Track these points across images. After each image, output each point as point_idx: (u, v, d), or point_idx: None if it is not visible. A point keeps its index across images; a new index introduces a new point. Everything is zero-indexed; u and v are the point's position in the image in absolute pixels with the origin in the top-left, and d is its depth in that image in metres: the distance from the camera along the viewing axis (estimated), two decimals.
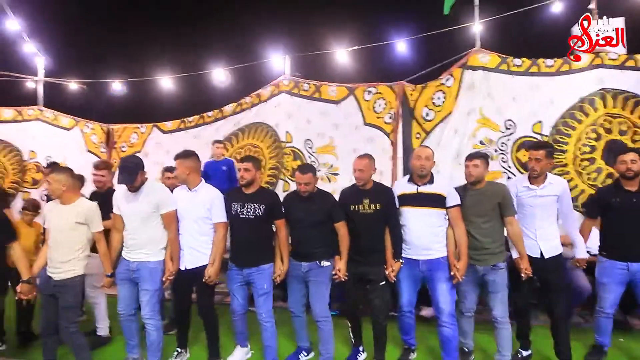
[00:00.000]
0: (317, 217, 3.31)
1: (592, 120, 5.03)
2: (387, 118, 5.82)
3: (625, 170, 3.15)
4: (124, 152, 7.30)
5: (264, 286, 3.35)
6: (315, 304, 3.32)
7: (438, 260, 3.17)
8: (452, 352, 3.21)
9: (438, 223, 3.20)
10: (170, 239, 3.31)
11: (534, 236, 3.18)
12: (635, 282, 3.16)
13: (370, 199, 3.26)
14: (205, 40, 8.05)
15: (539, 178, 3.20)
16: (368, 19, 7.50)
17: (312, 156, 6.13)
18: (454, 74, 5.45)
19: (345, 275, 3.28)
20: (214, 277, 3.33)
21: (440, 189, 3.20)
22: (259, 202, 3.32)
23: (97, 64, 8.19)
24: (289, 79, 6.30)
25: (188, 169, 3.35)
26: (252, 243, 3.36)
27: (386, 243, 3.28)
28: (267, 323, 3.38)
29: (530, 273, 3.09)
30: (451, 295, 3.17)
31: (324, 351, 3.41)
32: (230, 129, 6.66)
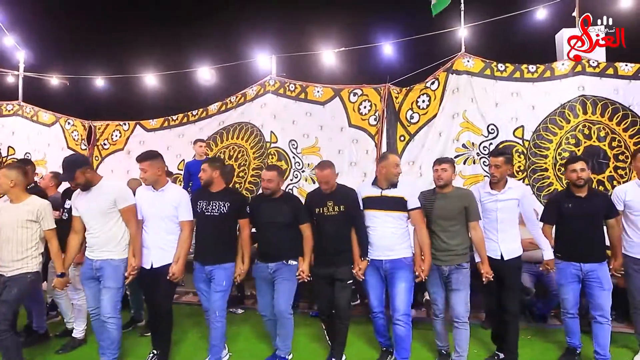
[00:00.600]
0: (285, 218, 3.38)
1: (572, 126, 5.12)
2: (372, 120, 5.83)
3: (576, 178, 3.29)
4: (106, 150, 7.18)
5: (223, 282, 3.37)
6: (280, 300, 3.35)
7: (401, 260, 3.28)
8: (404, 351, 3.31)
9: (401, 225, 3.32)
10: (132, 234, 3.31)
11: (495, 238, 3.30)
12: (586, 282, 3.33)
13: (334, 201, 3.35)
14: (191, 38, 7.98)
15: (499, 183, 3.32)
16: (355, 20, 7.50)
17: (296, 157, 6.10)
18: (439, 77, 5.49)
19: (308, 276, 3.36)
20: (178, 274, 3.33)
21: (403, 192, 3.31)
22: (224, 200, 3.39)
23: (80, 59, 8.05)
24: (275, 79, 6.27)
25: (160, 170, 3.37)
26: (215, 240, 3.41)
27: (352, 243, 3.37)
28: (217, 322, 3.37)
29: (491, 277, 3.18)
30: (408, 295, 3.26)
31: (283, 346, 3.45)
32: (215, 128, 6.59)
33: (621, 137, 5.01)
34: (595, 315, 3.31)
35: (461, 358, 3.32)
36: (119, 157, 7.09)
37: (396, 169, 3.32)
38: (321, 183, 3.38)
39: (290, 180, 6.02)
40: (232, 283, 3.50)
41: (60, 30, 8.36)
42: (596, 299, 3.30)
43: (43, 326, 4.03)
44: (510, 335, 3.35)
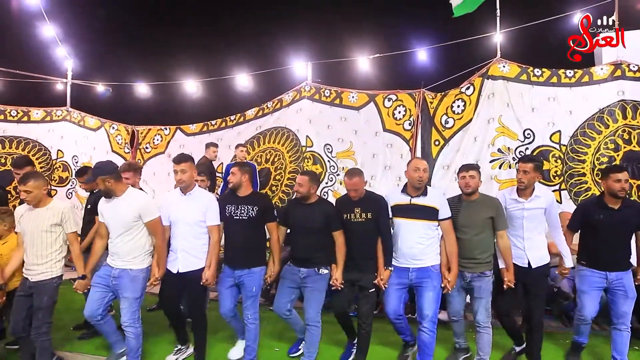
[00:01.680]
0: (316, 224, 3.39)
1: (611, 131, 5.09)
2: (406, 125, 5.94)
3: (619, 189, 3.18)
4: (148, 153, 7.53)
5: (253, 289, 3.41)
6: (309, 309, 3.40)
7: (428, 268, 3.26)
8: (428, 357, 3.30)
9: (429, 234, 3.28)
10: (157, 245, 3.32)
11: (522, 246, 3.28)
12: (611, 289, 3.30)
13: (361, 208, 3.36)
14: (229, 46, 8.26)
15: (526, 191, 3.27)
16: (390, 27, 7.60)
17: (331, 160, 6.27)
18: (475, 82, 5.55)
19: (342, 284, 3.36)
20: (211, 280, 3.38)
21: (433, 201, 3.27)
22: (252, 204, 3.42)
23: (123, 67, 8.46)
24: (310, 85, 6.45)
25: (195, 172, 3.45)
26: (244, 244, 3.43)
27: (378, 251, 3.37)
28: (251, 325, 3.44)
29: (513, 285, 3.18)
30: (436, 304, 3.25)
31: (308, 353, 3.48)
32: (252, 133, 6.83)
33: None
34: (616, 323, 3.29)
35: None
36: (160, 160, 7.43)
37: (416, 173, 3.23)
38: (350, 191, 3.40)
39: (325, 184, 6.19)
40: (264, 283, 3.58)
41: (105, 41, 8.80)
42: (620, 307, 3.27)
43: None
44: (535, 342, 3.35)
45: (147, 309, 4.80)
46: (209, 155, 6.24)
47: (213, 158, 6.27)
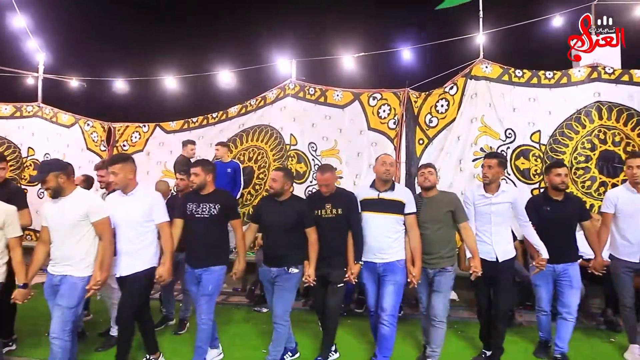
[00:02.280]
0: (289, 221, 3.37)
1: (588, 131, 5.27)
2: (391, 123, 5.97)
3: (560, 182, 3.41)
4: (126, 151, 7.27)
5: (209, 288, 3.33)
6: (277, 307, 3.38)
7: (394, 263, 3.32)
8: (386, 351, 3.36)
9: (397, 228, 3.34)
10: (104, 247, 3.13)
11: (490, 241, 3.38)
12: (558, 281, 3.50)
13: (332, 204, 3.40)
14: (212, 42, 8.06)
15: (492, 186, 3.40)
16: (374, 26, 7.62)
17: (316, 159, 6.23)
18: (458, 82, 5.63)
19: (314, 280, 3.37)
20: (166, 276, 3.27)
21: (400, 196, 3.36)
22: (214, 202, 3.37)
23: (100, 62, 8.14)
24: (295, 82, 6.39)
25: (131, 172, 3.26)
26: (205, 243, 3.37)
27: (348, 246, 3.41)
28: (204, 325, 3.35)
29: (479, 272, 3.25)
30: (397, 298, 3.32)
31: (274, 352, 3.45)
32: (235, 131, 6.72)
33: (635, 142, 5.16)
34: (562, 312, 3.48)
35: (435, 353, 3.44)
36: (138, 158, 6.97)
37: (383, 167, 3.33)
38: (321, 186, 3.43)
39: (309, 182, 6.15)
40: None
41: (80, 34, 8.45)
42: (566, 297, 3.47)
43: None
44: (499, 332, 3.47)
45: None
46: (187, 153, 6.10)
47: (191, 156, 6.13)
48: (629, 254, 3.53)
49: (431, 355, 3.48)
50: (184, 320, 4.39)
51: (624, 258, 3.55)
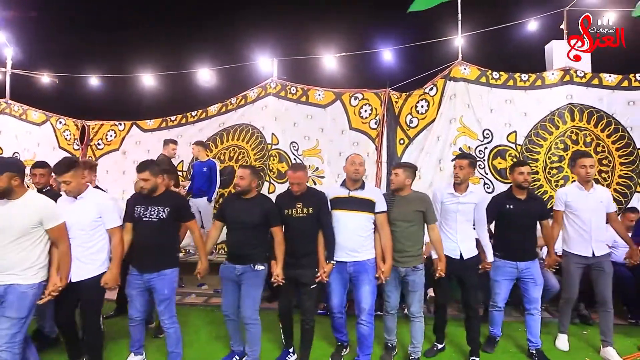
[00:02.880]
0: (254, 219, 3.35)
1: (561, 132, 5.47)
2: (372, 123, 6.02)
3: (522, 180, 3.53)
4: (100, 150, 7.07)
5: (165, 291, 3.27)
6: (245, 307, 3.35)
7: (364, 262, 3.36)
8: (366, 349, 3.42)
9: (366, 227, 3.38)
10: (62, 252, 3.01)
11: (455, 239, 3.49)
12: (522, 278, 3.62)
13: (303, 203, 3.38)
14: (191, 38, 7.91)
15: (462, 185, 3.50)
16: (356, 26, 7.66)
17: (297, 158, 6.21)
18: (437, 84, 5.74)
19: (282, 279, 3.36)
20: (112, 283, 3.19)
21: (371, 194, 3.41)
22: (163, 205, 3.28)
23: (73, 57, 7.86)
24: (276, 81, 6.35)
25: (83, 177, 3.19)
26: (154, 247, 3.28)
27: (319, 246, 3.41)
28: (170, 329, 3.33)
29: (444, 274, 3.38)
30: (372, 297, 3.36)
31: (251, 353, 3.44)
32: (215, 130, 6.62)
33: (605, 143, 5.40)
34: (529, 308, 3.61)
35: (416, 349, 3.56)
36: (113, 157, 7.01)
37: (352, 166, 3.38)
38: (293, 184, 3.41)
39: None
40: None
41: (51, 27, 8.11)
42: (531, 294, 3.58)
43: (54, 331, 3.98)
44: (473, 327, 3.58)
45: (104, 315, 4.52)
46: (168, 153, 5.98)
47: (172, 155, 6.02)
48: (580, 248, 3.67)
49: (413, 352, 3.57)
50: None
51: (577, 252, 3.69)
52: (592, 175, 3.64)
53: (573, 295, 3.77)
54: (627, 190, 5.29)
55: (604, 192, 3.78)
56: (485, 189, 5.35)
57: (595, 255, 3.63)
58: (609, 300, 3.64)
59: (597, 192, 3.69)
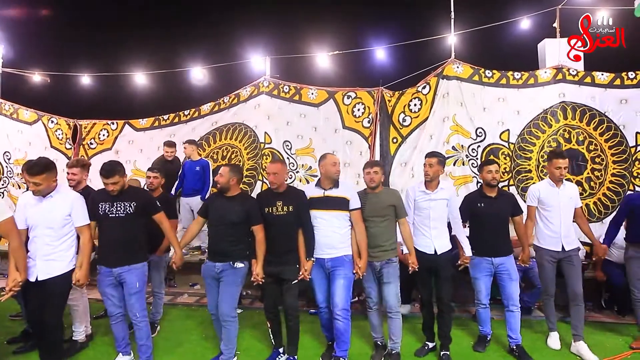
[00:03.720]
0: (235, 217, 3.38)
1: (554, 130, 5.46)
2: (365, 122, 5.99)
3: (490, 179, 3.62)
4: (93, 149, 7.02)
5: (136, 284, 3.29)
6: (222, 304, 3.36)
7: (342, 257, 3.44)
8: (343, 345, 3.45)
9: (342, 224, 3.46)
10: (14, 248, 2.98)
11: (429, 235, 3.57)
12: (497, 274, 3.67)
13: (283, 202, 3.42)
14: (184, 37, 7.85)
15: (432, 183, 3.59)
16: (349, 25, 7.63)
17: (290, 157, 6.19)
18: (430, 82, 5.72)
19: (263, 278, 3.41)
20: (83, 280, 3.22)
21: (345, 192, 3.48)
22: (129, 200, 3.29)
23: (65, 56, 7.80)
24: (269, 80, 6.32)
25: (54, 179, 3.17)
26: (123, 242, 3.29)
27: (299, 243, 3.45)
28: (141, 322, 3.35)
29: (417, 267, 3.45)
30: (347, 292, 3.41)
31: (226, 351, 3.45)
32: (208, 129, 6.58)
33: (597, 141, 5.39)
34: (507, 304, 3.65)
35: (396, 345, 3.58)
36: (106, 156, 6.91)
37: (334, 167, 3.48)
38: (269, 174, 3.45)
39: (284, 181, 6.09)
40: None
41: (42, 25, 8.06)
42: (507, 290, 3.64)
43: None
44: (445, 322, 3.64)
45: (93, 316, 4.51)
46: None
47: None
48: (552, 243, 3.75)
49: (393, 348, 3.60)
50: (154, 324, 4.27)
51: (548, 247, 3.76)
52: (564, 176, 3.75)
53: (551, 291, 3.81)
54: (619, 188, 5.29)
55: (573, 188, 3.88)
56: (477, 187, 5.33)
57: (565, 250, 3.71)
58: (580, 294, 3.71)
59: (567, 188, 3.80)
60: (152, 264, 4.13)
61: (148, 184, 4.35)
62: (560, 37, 5.64)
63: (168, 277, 5.91)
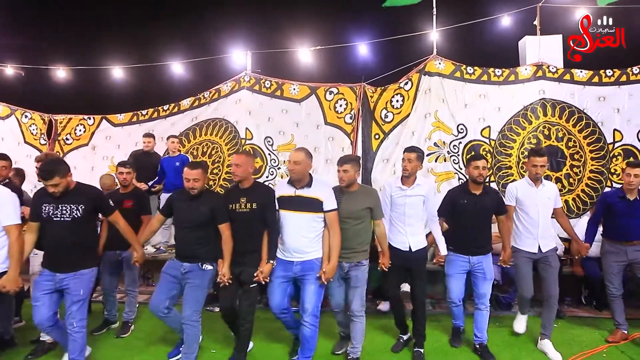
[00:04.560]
0: (201, 217, 3.23)
1: (534, 127, 5.49)
2: (347, 118, 5.95)
3: (477, 175, 3.47)
4: (69, 145, 6.83)
5: (80, 292, 3.04)
6: (187, 306, 3.21)
7: (312, 261, 3.22)
8: (307, 352, 3.28)
9: (314, 227, 3.22)
10: None
11: (404, 232, 3.47)
12: (473, 273, 3.59)
13: (247, 198, 3.23)
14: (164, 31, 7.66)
15: (410, 179, 3.49)
16: (331, 20, 7.58)
17: (272, 154, 6.11)
18: (412, 78, 5.70)
19: (229, 279, 3.24)
20: (10, 286, 2.97)
21: (318, 193, 3.21)
22: (77, 203, 3.02)
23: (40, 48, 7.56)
24: (250, 75, 6.23)
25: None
26: (70, 247, 3.04)
27: (263, 245, 3.25)
28: (77, 334, 3.05)
29: (386, 268, 3.35)
30: (317, 297, 3.21)
31: (186, 356, 3.31)
32: (188, 124, 6.45)
33: (576, 138, 5.44)
34: (477, 303, 3.58)
35: (355, 349, 3.43)
36: (83, 152, 6.78)
37: (290, 165, 3.23)
38: (232, 165, 3.26)
39: (266, 178, 6.02)
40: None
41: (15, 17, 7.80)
42: (480, 289, 3.55)
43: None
44: (419, 320, 3.58)
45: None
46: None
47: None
48: (529, 244, 3.66)
49: (352, 352, 3.45)
50: (128, 323, 4.15)
51: (524, 248, 3.67)
52: (541, 175, 3.62)
53: (527, 293, 3.70)
54: (597, 184, 5.34)
55: (552, 187, 3.75)
56: (460, 184, 5.32)
57: (542, 251, 3.63)
58: (555, 295, 3.63)
59: (546, 188, 3.68)
60: (125, 261, 4.02)
61: (121, 180, 4.15)
62: (540, 35, 5.68)
63: (146, 276, 5.79)
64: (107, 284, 4.11)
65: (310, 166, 3.27)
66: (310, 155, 3.28)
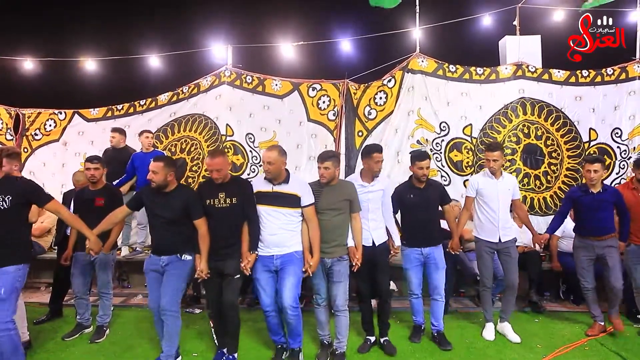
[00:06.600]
0: (175, 214, 3.19)
1: (514, 125, 5.58)
2: (330, 115, 5.89)
3: (421, 175, 3.62)
4: (38, 141, 6.48)
5: (1, 291, 2.83)
6: (165, 296, 3.17)
7: (291, 254, 3.27)
8: (297, 336, 3.35)
9: (292, 221, 3.28)
10: None
11: (367, 227, 3.52)
12: (426, 264, 3.72)
13: (225, 193, 3.23)
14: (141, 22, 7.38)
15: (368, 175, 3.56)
16: (314, 15, 7.50)
17: (253, 151, 5.98)
18: (396, 75, 5.69)
19: (207, 274, 3.23)
20: None
21: (295, 189, 3.27)
22: (4, 194, 2.86)
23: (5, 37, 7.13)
24: (231, 70, 6.07)
25: None
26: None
27: (242, 237, 3.27)
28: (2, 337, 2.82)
29: (359, 264, 3.37)
30: (296, 289, 3.23)
31: (167, 348, 3.25)
32: (166, 120, 6.23)
33: (554, 137, 5.57)
34: (432, 293, 3.73)
35: (341, 344, 3.47)
36: (53, 148, 6.45)
37: (264, 166, 3.25)
38: (212, 172, 3.22)
39: (247, 175, 5.89)
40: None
41: None
42: (433, 280, 3.70)
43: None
44: (384, 310, 3.66)
45: (34, 321, 4.14)
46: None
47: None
48: (490, 234, 3.80)
49: (338, 347, 3.47)
50: (103, 327, 3.96)
51: (485, 238, 3.82)
52: (496, 169, 3.77)
53: (487, 283, 3.88)
54: (574, 182, 5.47)
55: (511, 180, 3.95)
56: (442, 181, 5.35)
57: (502, 241, 3.78)
58: (515, 284, 3.81)
59: (505, 180, 3.86)
60: (98, 262, 3.84)
61: (89, 176, 3.85)
62: (520, 35, 5.78)
63: (121, 278, 5.57)
64: (78, 286, 3.90)
65: (284, 163, 3.30)
66: (284, 152, 3.29)
